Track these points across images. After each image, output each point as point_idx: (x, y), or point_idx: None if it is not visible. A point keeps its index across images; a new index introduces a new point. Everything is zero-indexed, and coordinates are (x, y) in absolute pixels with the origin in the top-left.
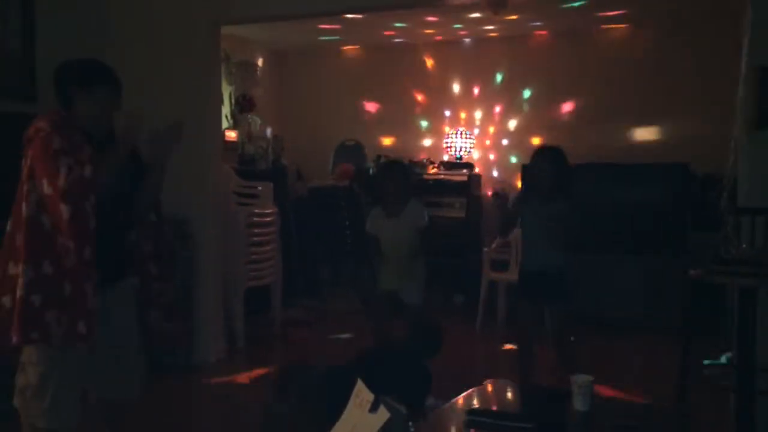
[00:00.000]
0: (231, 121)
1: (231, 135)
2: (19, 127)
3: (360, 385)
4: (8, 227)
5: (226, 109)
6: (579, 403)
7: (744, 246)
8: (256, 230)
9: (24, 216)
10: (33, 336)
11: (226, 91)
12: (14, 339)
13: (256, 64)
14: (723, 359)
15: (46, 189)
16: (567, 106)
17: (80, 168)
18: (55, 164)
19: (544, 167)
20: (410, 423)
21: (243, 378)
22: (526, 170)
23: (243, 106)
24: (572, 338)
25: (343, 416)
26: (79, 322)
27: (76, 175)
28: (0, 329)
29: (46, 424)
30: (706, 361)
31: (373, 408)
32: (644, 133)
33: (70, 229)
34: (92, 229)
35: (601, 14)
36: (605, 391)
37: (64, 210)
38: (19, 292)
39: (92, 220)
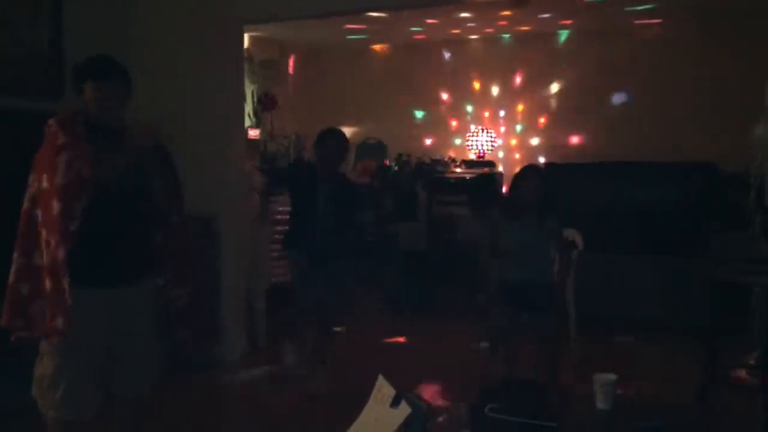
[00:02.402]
0: (253, 120)
1: (254, 133)
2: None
3: (381, 381)
4: None
5: (248, 108)
6: (601, 402)
7: None
8: (278, 227)
9: (23, 209)
10: (18, 323)
11: (249, 89)
12: (2, 322)
13: (279, 63)
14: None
15: (45, 183)
16: (592, 105)
17: (79, 167)
18: (53, 161)
19: (535, 185)
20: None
21: (265, 375)
22: (513, 187)
23: (265, 104)
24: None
25: (364, 411)
26: (58, 317)
27: (74, 174)
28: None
29: (59, 414)
30: (733, 362)
31: (395, 403)
32: (670, 131)
33: (54, 225)
34: (73, 231)
35: (629, 9)
36: (627, 390)
37: (55, 206)
38: (9, 279)
39: (75, 222)
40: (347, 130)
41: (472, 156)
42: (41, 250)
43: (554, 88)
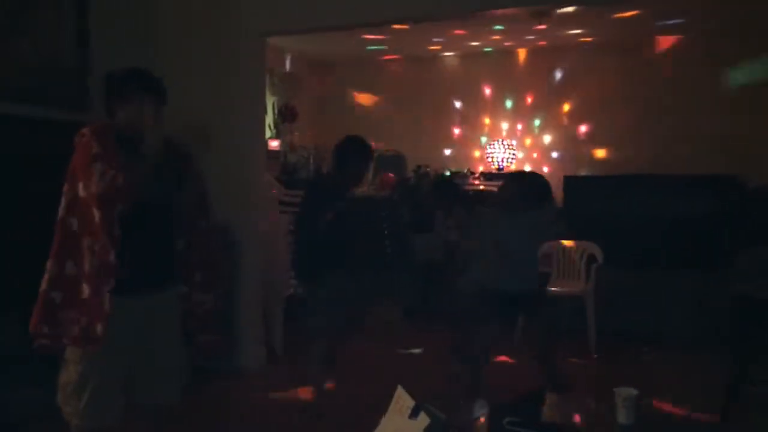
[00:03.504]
0: (274, 131)
1: (273, 144)
2: (73, 135)
3: (400, 391)
4: None
5: (269, 119)
6: (623, 417)
7: None
8: None
9: (59, 216)
10: (44, 330)
11: (270, 101)
12: (30, 327)
13: (299, 75)
14: None
15: (81, 191)
16: (612, 118)
17: (114, 175)
18: (90, 169)
19: (511, 187)
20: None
21: (282, 384)
22: (498, 194)
23: (285, 116)
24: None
25: (383, 422)
26: (97, 324)
27: (109, 182)
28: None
29: (84, 422)
30: (755, 379)
31: (413, 414)
32: (692, 145)
33: (99, 232)
34: (116, 235)
35: (649, 23)
36: (650, 405)
37: (96, 214)
38: (42, 286)
39: (117, 228)
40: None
41: (483, 168)
42: (75, 259)
43: (574, 101)
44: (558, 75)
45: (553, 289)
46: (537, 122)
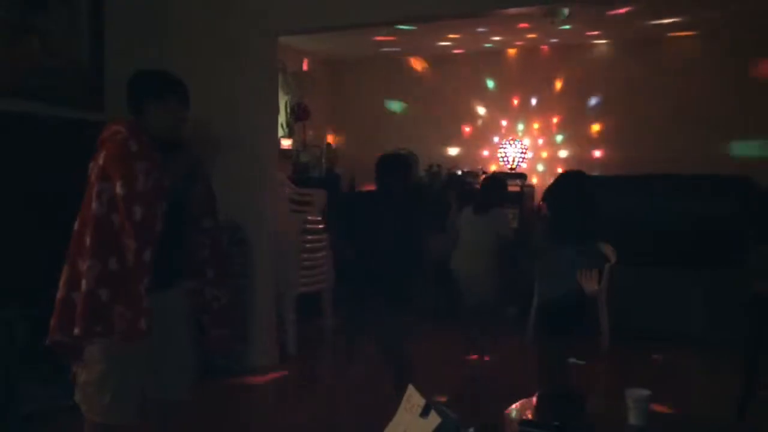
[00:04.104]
0: (286, 130)
1: (286, 143)
2: (87, 134)
3: (411, 390)
4: (76, 226)
5: (281, 118)
6: (634, 418)
7: None
8: (309, 237)
9: (95, 214)
10: (97, 329)
11: (282, 100)
12: (77, 330)
13: (312, 74)
14: None
15: (120, 189)
16: (625, 118)
17: (157, 174)
18: (131, 167)
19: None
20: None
21: (294, 383)
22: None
23: (298, 115)
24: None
25: (393, 421)
26: (141, 318)
27: (155, 181)
28: (68, 323)
29: (105, 420)
30: None
31: (424, 413)
32: (706, 145)
33: (137, 230)
34: (157, 232)
35: (661, 21)
36: (662, 407)
37: (137, 212)
38: (85, 286)
39: (159, 224)
40: (378, 141)
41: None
42: (117, 256)
43: (587, 100)
44: (573, 75)
45: None
46: (554, 121)
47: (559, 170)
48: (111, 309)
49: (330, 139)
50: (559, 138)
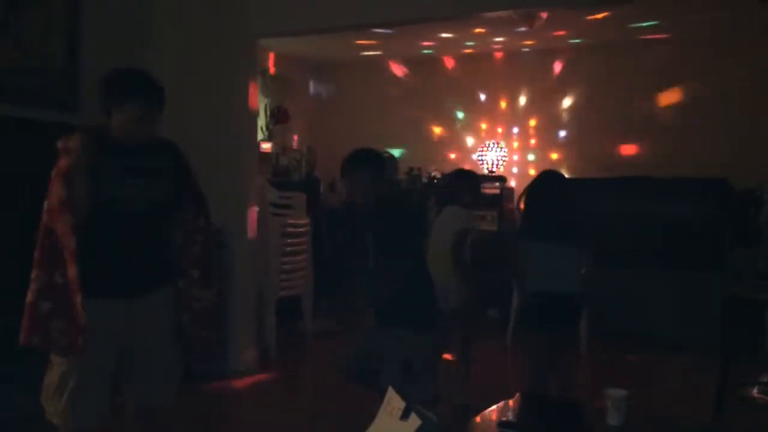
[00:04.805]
0: (266, 133)
1: (266, 146)
2: (62, 136)
3: (391, 393)
4: None
5: (261, 121)
6: (613, 418)
7: None
8: (289, 240)
9: (42, 224)
10: (34, 340)
11: (262, 103)
12: (20, 339)
13: (292, 77)
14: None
15: (53, 199)
16: (603, 120)
17: (80, 183)
18: (61, 176)
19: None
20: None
21: (274, 387)
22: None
23: (278, 118)
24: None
25: (374, 423)
26: (79, 336)
27: (71, 191)
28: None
29: (63, 423)
30: (745, 380)
31: (404, 415)
32: (683, 147)
33: (64, 242)
34: (72, 248)
35: (638, 25)
36: (640, 407)
37: (60, 223)
38: (29, 297)
39: (71, 239)
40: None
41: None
42: (60, 269)
43: (563, 103)
44: (552, 77)
45: None
46: (532, 123)
47: (532, 171)
48: (50, 322)
49: (310, 142)
50: (534, 141)
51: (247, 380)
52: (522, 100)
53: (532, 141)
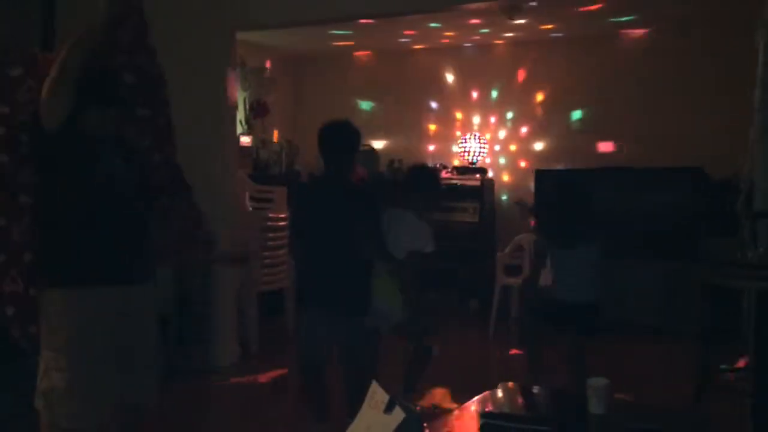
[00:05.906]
0: (245, 127)
1: (245, 140)
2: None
3: (374, 386)
4: None
5: (240, 115)
6: (595, 406)
7: (761, 250)
8: (270, 234)
9: None
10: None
11: (241, 96)
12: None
13: (270, 71)
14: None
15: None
16: (581, 111)
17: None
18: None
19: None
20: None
21: (257, 381)
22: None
23: (257, 111)
24: None
25: (358, 417)
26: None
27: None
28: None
29: (74, 425)
30: (723, 366)
31: (388, 409)
32: (659, 138)
33: None
34: None
35: (616, 19)
36: (622, 395)
37: None
38: None
39: None
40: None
41: (457, 162)
42: None
43: (542, 95)
44: (529, 69)
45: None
46: (510, 115)
47: (502, 160)
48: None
49: (290, 135)
50: (519, 132)
51: (229, 374)
52: (502, 92)
53: (514, 132)
